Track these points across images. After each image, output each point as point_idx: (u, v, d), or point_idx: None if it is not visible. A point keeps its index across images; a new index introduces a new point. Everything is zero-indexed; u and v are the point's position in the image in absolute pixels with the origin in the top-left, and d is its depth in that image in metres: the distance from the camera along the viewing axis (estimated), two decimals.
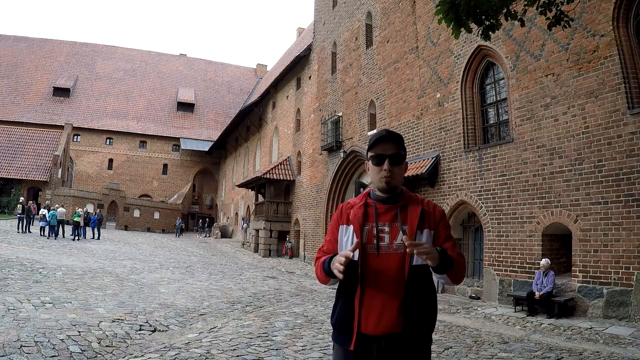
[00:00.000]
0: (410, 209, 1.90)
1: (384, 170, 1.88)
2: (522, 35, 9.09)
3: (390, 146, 1.90)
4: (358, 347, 1.82)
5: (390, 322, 1.79)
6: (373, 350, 1.82)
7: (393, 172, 1.88)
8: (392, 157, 1.88)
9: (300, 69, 22.56)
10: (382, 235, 1.87)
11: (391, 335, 1.79)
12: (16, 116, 39.26)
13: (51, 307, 6.29)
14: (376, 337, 1.81)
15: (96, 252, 15.13)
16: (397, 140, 1.92)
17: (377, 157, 1.90)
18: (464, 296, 10.20)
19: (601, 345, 5.99)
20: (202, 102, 48.16)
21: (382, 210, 1.92)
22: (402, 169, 1.94)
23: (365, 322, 1.81)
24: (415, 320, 1.80)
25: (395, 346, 1.79)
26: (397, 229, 1.86)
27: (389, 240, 1.85)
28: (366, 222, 1.91)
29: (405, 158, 1.96)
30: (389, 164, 1.88)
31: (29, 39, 47.91)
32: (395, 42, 13.92)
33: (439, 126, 11.49)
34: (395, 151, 1.89)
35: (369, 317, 1.81)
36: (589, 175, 7.66)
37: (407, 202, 1.93)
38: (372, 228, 1.88)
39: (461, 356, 5.35)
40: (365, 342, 1.82)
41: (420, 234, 1.86)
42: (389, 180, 1.88)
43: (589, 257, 7.57)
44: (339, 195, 17.75)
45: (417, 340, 1.82)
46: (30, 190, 30.91)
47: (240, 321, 6.70)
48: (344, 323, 1.87)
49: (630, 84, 7.17)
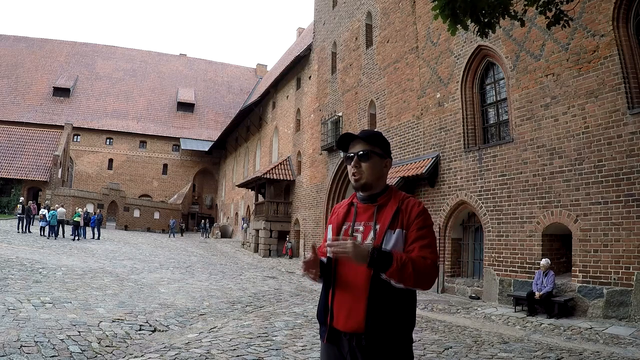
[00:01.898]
0: (387, 207, 1.90)
1: (352, 168, 1.94)
2: (522, 35, 9.09)
3: (358, 144, 1.95)
4: (331, 340, 1.89)
5: (356, 320, 1.81)
6: (345, 345, 1.86)
7: (360, 169, 1.92)
8: (359, 154, 1.92)
9: (300, 69, 22.56)
10: (356, 234, 1.90)
11: (358, 334, 1.81)
12: (16, 116, 39.28)
13: (51, 307, 6.29)
14: (346, 334, 1.84)
15: (96, 252, 15.13)
16: (365, 138, 1.95)
17: (347, 157, 1.97)
18: (464, 296, 10.20)
19: (601, 345, 5.99)
20: (202, 102, 48.16)
21: (361, 209, 1.96)
22: (375, 165, 1.93)
23: (336, 317, 1.86)
24: (380, 321, 1.77)
25: (365, 343, 1.80)
26: (369, 229, 1.88)
27: (360, 240, 1.87)
28: (346, 221, 1.98)
29: (381, 155, 1.95)
30: (357, 161, 1.92)
31: (29, 39, 47.91)
32: (395, 42, 13.92)
33: (439, 126, 11.49)
34: (362, 148, 1.93)
35: (339, 314, 1.86)
36: (589, 175, 7.66)
37: (387, 201, 1.93)
38: (349, 227, 1.94)
39: (461, 356, 5.35)
40: (338, 336, 1.87)
41: (391, 234, 1.83)
42: (357, 178, 1.93)
43: (589, 257, 7.57)
44: (339, 195, 17.74)
45: (386, 341, 1.79)
46: (30, 190, 30.90)
47: (240, 321, 6.70)
48: (321, 316, 1.95)
49: (630, 84, 7.17)
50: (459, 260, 11.00)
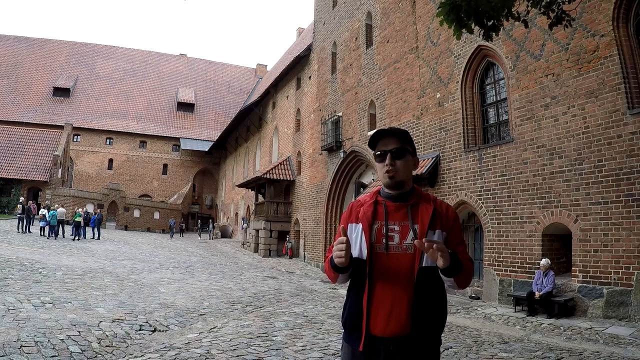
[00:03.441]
0: (422, 208, 1.85)
1: (386, 166, 1.86)
2: (522, 35, 9.09)
3: (392, 141, 1.89)
4: (367, 348, 1.79)
5: (398, 323, 1.75)
6: (381, 352, 1.78)
7: (396, 167, 1.85)
8: (393, 151, 1.86)
9: (300, 69, 22.56)
10: (392, 234, 1.82)
11: (399, 338, 1.75)
12: (16, 116, 39.28)
13: (51, 307, 6.29)
14: (384, 339, 1.77)
15: (96, 252, 15.12)
16: (398, 135, 1.90)
17: (380, 153, 1.90)
18: (464, 296, 10.20)
19: (601, 345, 5.98)
20: (202, 102, 48.17)
21: (392, 208, 1.88)
22: (408, 163, 1.89)
23: (373, 322, 1.78)
24: (424, 323, 1.76)
25: (403, 348, 1.76)
26: (407, 228, 1.81)
27: (398, 240, 1.81)
28: (375, 220, 1.86)
29: (412, 153, 1.92)
30: (391, 159, 1.86)
31: (29, 39, 47.92)
32: (395, 42, 13.92)
33: (439, 126, 11.48)
34: (396, 145, 1.87)
35: (377, 318, 1.78)
36: (589, 175, 7.66)
37: (418, 200, 1.88)
38: (382, 227, 1.84)
39: (461, 356, 5.35)
40: (374, 343, 1.78)
41: (432, 235, 1.80)
42: (392, 175, 1.85)
43: (589, 257, 7.56)
44: (339, 195, 17.75)
45: (426, 343, 1.78)
46: (30, 190, 30.90)
47: (240, 321, 6.70)
48: (353, 323, 1.84)
49: (630, 84, 7.17)
50: None
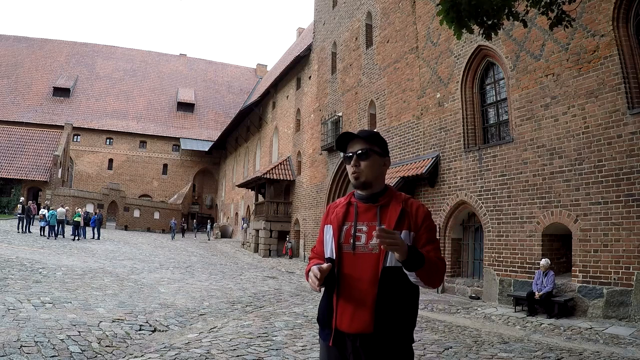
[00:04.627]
0: (391, 208, 1.90)
1: (351, 167, 1.93)
2: (522, 35, 9.09)
3: (357, 143, 1.96)
4: (336, 343, 1.86)
5: (362, 321, 1.80)
6: (348, 347, 1.84)
7: (360, 168, 1.91)
8: (358, 153, 1.92)
9: (300, 69, 22.56)
10: (359, 234, 1.88)
11: (364, 335, 1.80)
12: (16, 116, 39.29)
13: (51, 307, 6.29)
14: (350, 335, 1.83)
15: (96, 252, 15.12)
16: (364, 137, 1.96)
17: (347, 156, 1.97)
18: (464, 296, 10.20)
19: (601, 345, 5.98)
20: (202, 102, 48.17)
21: (362, 209, 1.94)
22: (374, 164, 1.93)
23: (340, 319, 1.85)
24: (388, 322, 1.79)
25: (368, 346, 1.80)
26: (374, 229, 1.84)
27: (365, 240, 1.86)
28: (346, 221, 1.94)
29: (380, 154, 1.96)
30: (356, 160, 1.92)
31: (29, 39, 47.92)
32: (395, 42, 13.92)
33: (439, 126, 11.48)
34: (362, 147, 1.93)
35: (344, 315, 1.84)
36: (589, 175, 7.66)
37: (389, 201, 1.92)
38: (351, 227, 1.91)
39: (461, 356, 5.35)
40: (342, 339, 1.85)
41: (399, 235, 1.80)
42: (357, 176, 1.92)
43: (589, 257, 7.56)
44: (339, 195, 17.74)
45: (391, 341, 1.81)
46: (30, 190, 30.91)
47: (240, 321, 6.70)
48: (324, 319, 1.92)
49: (630, 84, 7.17)
50: (459, 260, 11.00)
